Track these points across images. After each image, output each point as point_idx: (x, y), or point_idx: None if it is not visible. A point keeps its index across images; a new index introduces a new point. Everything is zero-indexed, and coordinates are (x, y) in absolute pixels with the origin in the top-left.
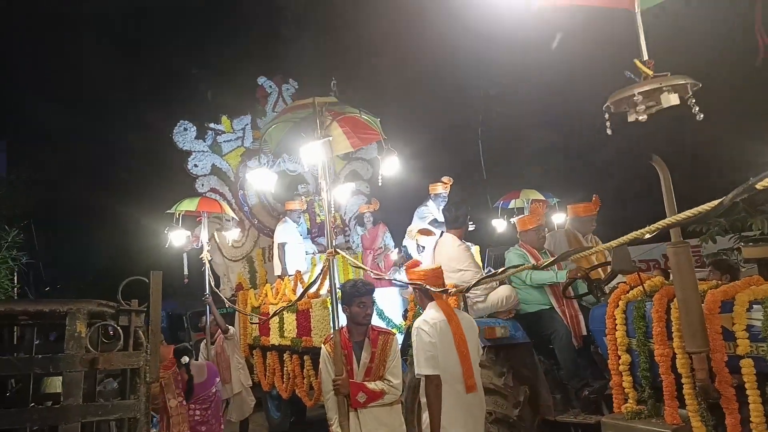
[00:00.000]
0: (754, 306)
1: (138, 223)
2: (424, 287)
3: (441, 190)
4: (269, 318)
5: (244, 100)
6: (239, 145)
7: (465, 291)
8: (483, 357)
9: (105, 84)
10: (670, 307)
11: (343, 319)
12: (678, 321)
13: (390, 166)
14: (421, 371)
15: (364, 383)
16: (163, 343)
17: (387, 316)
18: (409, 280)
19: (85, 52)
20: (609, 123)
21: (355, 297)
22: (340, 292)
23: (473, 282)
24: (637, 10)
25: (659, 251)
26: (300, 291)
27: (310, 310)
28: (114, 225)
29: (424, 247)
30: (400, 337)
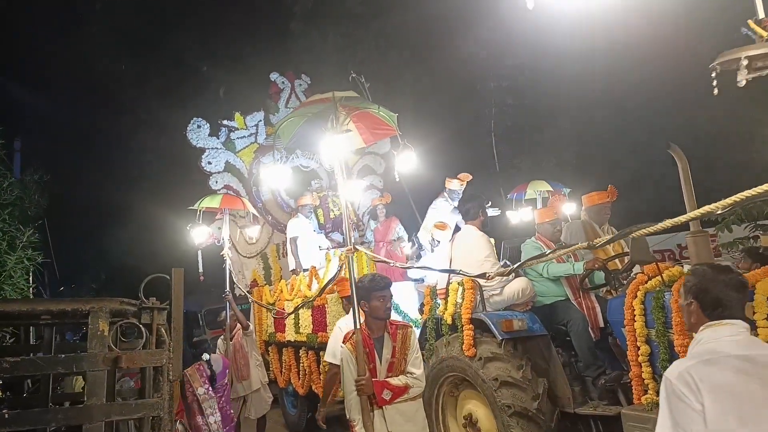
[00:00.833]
0: None
1: (152, 222)
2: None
3: (456, 186)
4: (289, 314)
5: (256, 97)
6: (252, 141)
7: (490, 278)
8: (500, 350)
9: (118, 82)
10: None
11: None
12: None
13: (406, 161)
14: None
15: (387, 380)
16: None
17: (403, 311)
18: None
19: (98, 50)
20: (715, 83)
21: (375, 291)
22: (357, 287)
23: (494, 272)
24: None
25: (674, 241)
26: (315, 286)
27: (326, 305)
28: (128, 223)
29: (439, 241)
30: (417, 332)
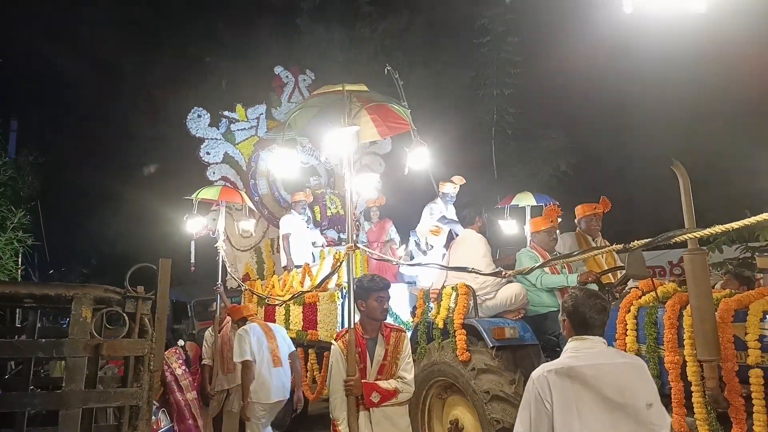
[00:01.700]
0: (767, 316)
1: (146, 210)
2: None
3: (449, 189)
4: (286, 301)
5: (259, 89)
6: (253, 134)
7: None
8: (494, 362)
9: (119, 68)
10: (682, 314)
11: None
12: (690, 329)
13: (418, 158)
14: None
15: (377, 383)
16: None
17: (395, 313)
18: None
19: (101, 35)
20: None
21: (373, 291)
22: (355, 286)
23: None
24: None
25: (665, 258)
26: (308, 283)
27: (317, 303)
28: (121, 211)
29: (432, 246)
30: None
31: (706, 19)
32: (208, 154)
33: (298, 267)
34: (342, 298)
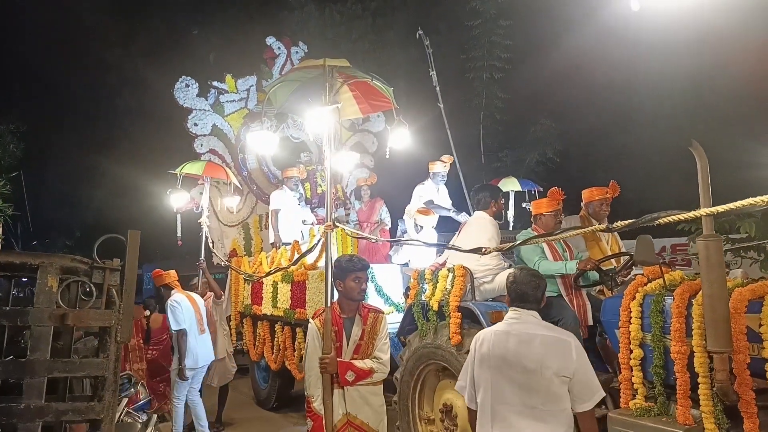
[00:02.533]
0: None
1: (131, 183)
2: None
3: (439, 168)
4: (266, 276)
5: (250, 61)
6: (242, 106)
7: (485, 253)
8: None
9: (103, 39)
10: (691, 303)
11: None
12: (700, 318)
13: (400, 138)
14: None
15: (352, 362)
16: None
17: (386, 294)
18: None
19: (85, 4)
20: None
21: (351, 271)
22: (333, 266)
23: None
24: None
25: (658, 245)
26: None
27: (306, 281)
28: (106, 183)
29: (422, 226)
30: (399, 316)
31: (700, 6)
32: (195, 125)
33: (286, 244)
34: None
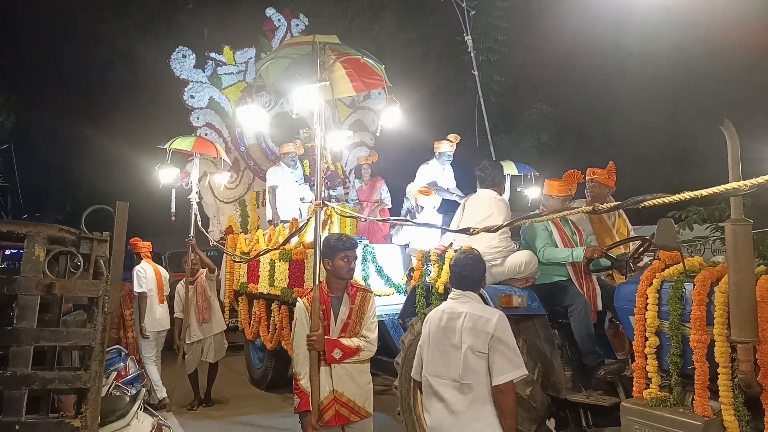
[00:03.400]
0: None
1: (124, 157)
2: None
3: (446, 148)
4: (257, 256)
5: (248, 34)
6: (241, 79)
7: (473, 233)
8: None
9: (96, 11)
10: (713, 291)
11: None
12: (723, 306)
13: (391, 117)
14: None
15: (339, 340)
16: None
17: (386, 275)
18: None
19: None
20: None
21: (340, 250)
22: (322, 245)
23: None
24: None
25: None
26: (296, 240)
27: (305, 260)
28: (98, 156)
29: (423, 207)
30: (400, 297)
31: None
32: (192, 98)
33: (284, 222)
34: None
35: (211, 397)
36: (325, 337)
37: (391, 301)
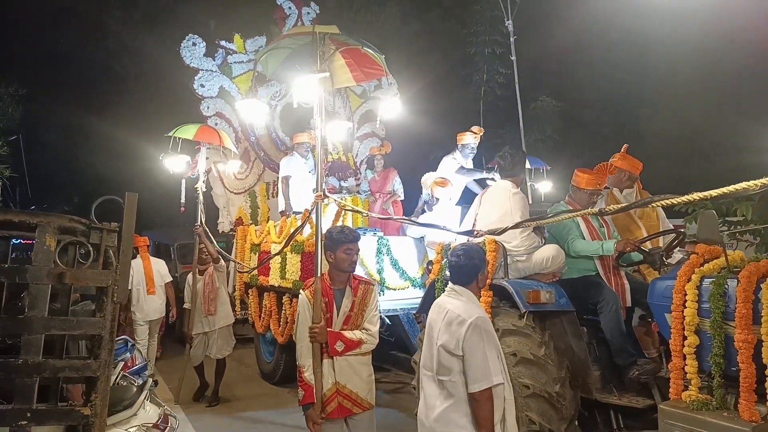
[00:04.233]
0: None
1: (132, 149)
2: None
3: (469, 140)
4: (252, 270)
5: (257, 23)
6: (251, 68)
7: (476, 236)
8: (522, 323)
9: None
10: (759, 287)
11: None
12: None
13: (391, 108)
14: None
15: (342, 332)
16: None
17: (401, 268)
18: None
19: None
20: None
21: (342, 243)
22: (324, 237)
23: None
24: None
25: None
26: (308, 231)
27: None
28: (107, 149)
29: (438, 198)
30: (415, 291)
31: None
32: (202, 86)
33: (297, 213)
34: None
35: (218, 396)
36: (328, 329)
37: (406, 295)
